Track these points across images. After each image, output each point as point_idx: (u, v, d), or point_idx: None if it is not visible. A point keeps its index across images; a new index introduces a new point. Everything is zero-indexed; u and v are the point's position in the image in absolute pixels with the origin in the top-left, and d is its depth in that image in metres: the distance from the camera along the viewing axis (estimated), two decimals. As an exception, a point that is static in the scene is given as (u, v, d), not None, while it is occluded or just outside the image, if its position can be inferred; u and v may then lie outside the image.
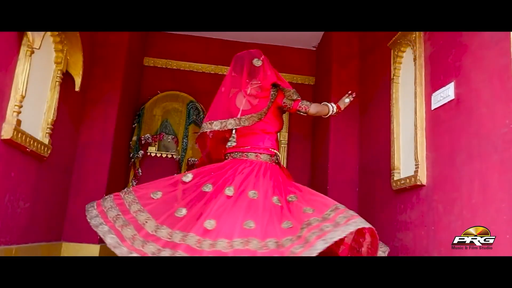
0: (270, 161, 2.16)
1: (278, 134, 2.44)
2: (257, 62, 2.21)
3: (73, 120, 3.12)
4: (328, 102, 2.33)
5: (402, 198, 2.53)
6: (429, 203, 2.20)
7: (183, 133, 4.10)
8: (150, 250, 1.69)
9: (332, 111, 2.29)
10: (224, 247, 1.69)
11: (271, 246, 1.69)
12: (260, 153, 2.15)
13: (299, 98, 2.21)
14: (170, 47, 4.38)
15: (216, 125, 2.13)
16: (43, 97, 2.50)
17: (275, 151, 2.20)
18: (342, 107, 2.34)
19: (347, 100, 2.37)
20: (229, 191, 1.94)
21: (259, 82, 2.20)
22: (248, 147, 2.16)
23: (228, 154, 2.20)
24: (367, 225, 1.71)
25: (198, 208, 1.89)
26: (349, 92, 2.43)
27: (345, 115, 3.61)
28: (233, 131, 2.16)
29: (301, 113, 2.24)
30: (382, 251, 1.91)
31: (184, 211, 1.87)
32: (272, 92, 2.18)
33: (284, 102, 2.20)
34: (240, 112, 2.13)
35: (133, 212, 1.86)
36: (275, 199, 1.95)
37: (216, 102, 2.23)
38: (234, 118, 2.12)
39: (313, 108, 2.22)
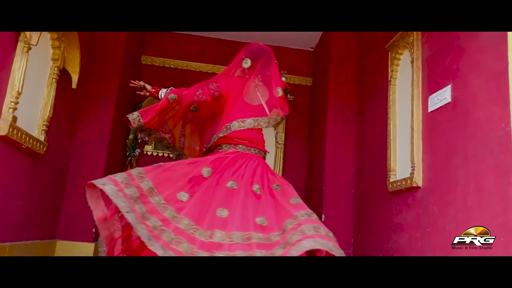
0: (264, 158, 2.25)
1: None
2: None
3: (69, 118, 3.10)
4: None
5: (397, 200, 2.53)
6: (425, 205, 2.21)
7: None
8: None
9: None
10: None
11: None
12: (261, 150, 2.24)
13: None
14: (168, 46, 4.36)
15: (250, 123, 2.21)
16: (39, 94, 2.48)
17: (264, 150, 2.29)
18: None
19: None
20: (258, 189, 2.01)
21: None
22: (247, 141, 2.20)
23: (228, 145, 2.21)
24: (317, 246, 1.63)
25: (237, 207, 1.90)
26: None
27: (342, 116, 3.64)
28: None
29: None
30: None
31: (226, 212, 1.86)
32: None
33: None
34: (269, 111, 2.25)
35: (172, 220, 1.76)
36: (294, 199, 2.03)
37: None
38: (265, 117, 2.24)
39: None
